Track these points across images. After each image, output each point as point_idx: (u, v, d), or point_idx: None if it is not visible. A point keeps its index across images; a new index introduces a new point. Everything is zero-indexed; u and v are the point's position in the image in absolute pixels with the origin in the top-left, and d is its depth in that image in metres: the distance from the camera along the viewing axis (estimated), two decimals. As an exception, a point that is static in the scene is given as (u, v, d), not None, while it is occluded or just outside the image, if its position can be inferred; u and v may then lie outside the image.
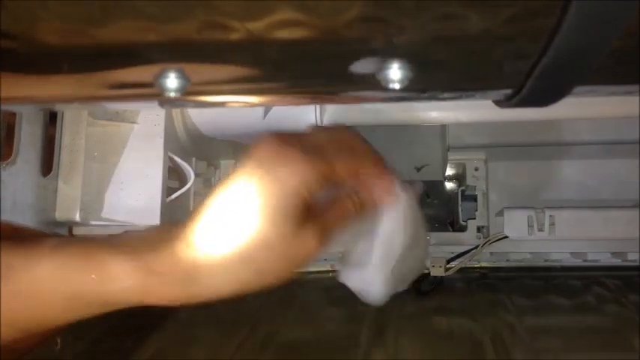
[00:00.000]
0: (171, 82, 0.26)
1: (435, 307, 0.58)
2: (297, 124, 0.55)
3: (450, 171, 0.70)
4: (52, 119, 0.54)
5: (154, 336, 0.50)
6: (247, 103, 0.33)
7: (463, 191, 0.68)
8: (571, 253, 0.66)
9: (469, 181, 0.68)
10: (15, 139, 0.50)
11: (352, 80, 0.26)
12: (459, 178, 0.71)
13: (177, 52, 0.25)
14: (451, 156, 0.69)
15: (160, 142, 0.56)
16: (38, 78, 0.28)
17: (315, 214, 0.43)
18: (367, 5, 0.21)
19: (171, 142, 0.57)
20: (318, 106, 0.55)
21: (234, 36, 0.23)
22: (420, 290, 0.64)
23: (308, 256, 0.43)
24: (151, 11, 0.23)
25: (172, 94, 0.26)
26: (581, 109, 0.49)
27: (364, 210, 0.43)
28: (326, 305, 0.55)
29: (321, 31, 0.22)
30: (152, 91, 0.26)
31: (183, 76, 0.26)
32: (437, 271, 0.64)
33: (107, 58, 0.26)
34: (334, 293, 0.59)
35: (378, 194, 0.45)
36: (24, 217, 0.50)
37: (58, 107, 0.49)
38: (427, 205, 0.71)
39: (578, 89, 0.27)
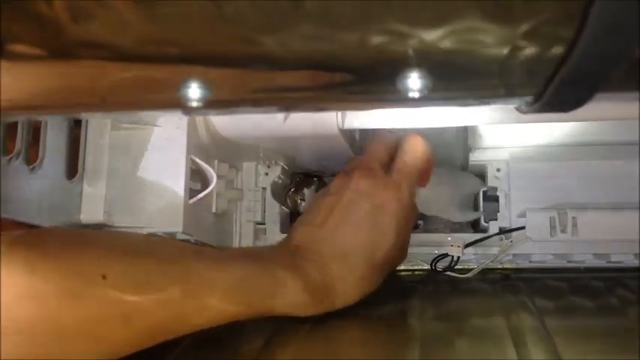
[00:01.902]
0: (193, 92, 0.26)
1: (456, 310, 0.58)
2: (317, 127, 0.55)
3: (471, 172, 0.70)
4: (76, 123, 0.55)
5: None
6: (268, 111, 0.33)
7: (485, 192, 0.68)
8: (594, 255, 0.65)
9: (491, 182, 0.68)
10: (41, 144, 0.51)
11: (372, 90, 0.26)
12: (480, 179, 0.71)
13: (200, 63, 0.25)
14: (473, 156, 0.68)
15: (183, 144, 0.56)
16: (62, 87, 0.28)
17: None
18: (387, 18, 0.21)
19: (194, 145, 0.58)
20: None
21: (256, 48, 0.23)
22: (436, 269, 0.66)
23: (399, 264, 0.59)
24: (174, 23, 0.23)
25: (194, 104, 0.26)
26: (599, 111, 0.49)
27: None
28: (345, 312, 0.55)
29: (342, 43, 0.22)
30: (174, 101, 0.27)
31: (205, 86, 0.26)
32: (454, 251, 0.65)
33: (130, 68, 0.26)
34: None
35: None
36: (50, 220, 0.51)
37: (83, 116, 0.50)
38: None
39: (599, 95, 0.27)
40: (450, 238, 0.65)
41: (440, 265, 0.67)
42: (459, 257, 0.65)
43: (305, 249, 0.54)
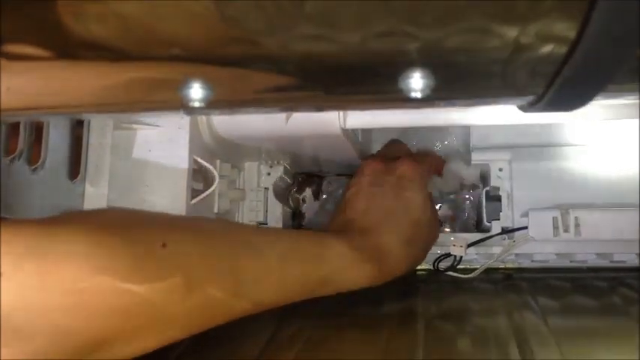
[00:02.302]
0: (196, 92, 0.26)
1: (458, 309, 0.58)
2: (319, 127, 0.56)
3: (474, 171, 0.70)
4: (78, 123, 0.55)
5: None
6: (270, 111, 0.33)
7: (487, 192, 0.68)
8: (597, 254, 0.65)
9: (493, 181, 0.68)
10: (43, 144, 0.51)
11: (374, 90, 0.26)
12: (483, 179, 0.71)
13: (201, 64, 0.25)
14: (475, 156, 0.68)
15: (185, 144, 0.56)
16: (65, 87, 0.28)
17: None
18: (390, 19, 0.21)
19: (196, 145, 0.58)
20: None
21: (258, 49, 0.23)
22: (439, 269, 0.66)
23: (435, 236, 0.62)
24: (176, 24, 0.23)
25: (196, 105, 0.26)
26: (602, 111, 0.49)
27: None
28: (349, 306, 0.55)
29: (344, 44, 0.22)
30: (176, 101, 0.27)
31: (207, 86, 0.26)
32: (457, 250, 0.65)
33: (132, 69, 0.26)
34: (357, 296, 0.59)
35: None
36: (52, 221, 0.51)
37: (85, 116, 0.50)
38: (451, 206, 0.71)
39: (602, 95, 0.27)
40: (452, 238, 0.65)
41: (442, 265, 0.67)
42: (461, 257, 0.65)
43: (346, 225, 0.56)
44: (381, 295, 0.62)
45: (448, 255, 0.66)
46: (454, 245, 0.65)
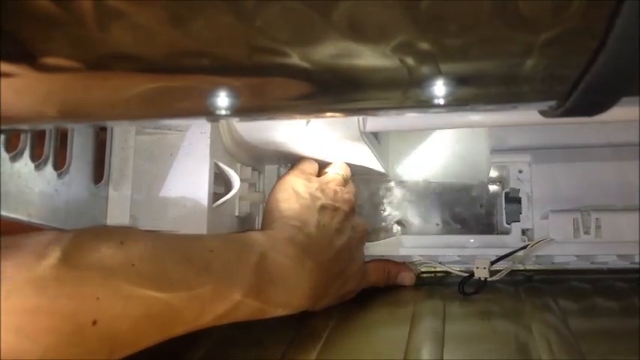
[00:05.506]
0: (222, 100, 0.26)
1: (480, 311, 0.58)
2: (339, 131, 0.56)
3: (493, 173, 0.70)
4: (102, 128, 0.56)
5: (203, 338, 0.50)
6: (292, 117, 0.34)
7: (507, 194, 0.68)
8: (618, 256, 0.65)
9: (513, 183, 0.68)
10: (68, 149, 0.51)
11: (398, 97, 0.27)
12: (502, 181, 0.71)
13: (228, 73, 0.26)
14: (494, 158, 0.68)
15: (207, 149, 0.57)
16: (92, 98, 0.29)
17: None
18: (413, 29, 0.21)
19: (217, 149, 0.58)
20: (360, 114, 0.55)
21: (283, 59, 0.23)
22: (464, 292, 0.64)
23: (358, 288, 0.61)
24: (204, 36, 0.24)
25: (223, 112, 0.27)
26: (623, 114, 0.49)
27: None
28: (368, 311, 0.56)
29: (368, 53, 0.23)
30: (202, 109, 0.27)
31: (233, 94, 0.26)
32: (481, 273, 0.63)
33: (160, 79, 0.27)
34: (374, 297, 0.60)
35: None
36: (76, 224, 0.51)
37: (109, 124, 0.51)
38: (471, 208, 0.71)
39: (624, 100, 0.27)
40: (476, 261, 0.64)
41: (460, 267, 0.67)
42: (486, 279, 0.63)
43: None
44: (402, 296, 0.62)
45: (472, 276, 0.64)
46: (477, 268, 0.63)
